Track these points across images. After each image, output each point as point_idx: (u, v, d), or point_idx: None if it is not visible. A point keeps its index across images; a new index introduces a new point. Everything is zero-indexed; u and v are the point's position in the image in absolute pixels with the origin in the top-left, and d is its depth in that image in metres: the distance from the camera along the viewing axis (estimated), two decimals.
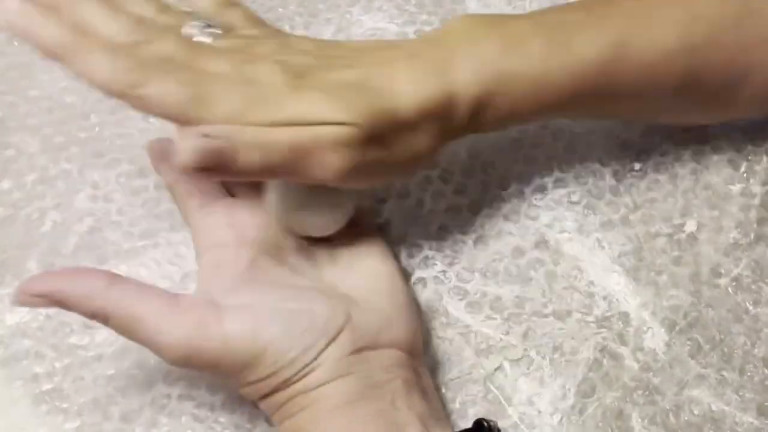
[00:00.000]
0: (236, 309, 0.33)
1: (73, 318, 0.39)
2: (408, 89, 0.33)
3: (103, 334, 0.38)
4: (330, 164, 0.32)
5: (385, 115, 0.33)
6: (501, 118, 0.36)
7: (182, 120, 0.31)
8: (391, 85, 0.33)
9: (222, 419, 0.37)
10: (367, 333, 0.33)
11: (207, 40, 0.34)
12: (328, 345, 0.32)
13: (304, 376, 0.32)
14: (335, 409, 0.32)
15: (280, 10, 0.50)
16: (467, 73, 0.34)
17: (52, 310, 0.39)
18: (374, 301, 0.35)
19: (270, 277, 0.35)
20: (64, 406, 0.37)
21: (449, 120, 0.35)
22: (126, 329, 0.32)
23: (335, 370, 0.32)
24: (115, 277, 0.32)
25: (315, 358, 0.32)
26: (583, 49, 0.36)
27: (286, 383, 0.32)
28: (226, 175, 0.31)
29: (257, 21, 0.38)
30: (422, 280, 0.40)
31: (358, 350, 0.33)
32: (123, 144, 0.45)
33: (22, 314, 0.39)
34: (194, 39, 0.34)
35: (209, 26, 0.35)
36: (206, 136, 0.30)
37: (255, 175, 0.32)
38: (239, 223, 0.36)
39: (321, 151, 0.32)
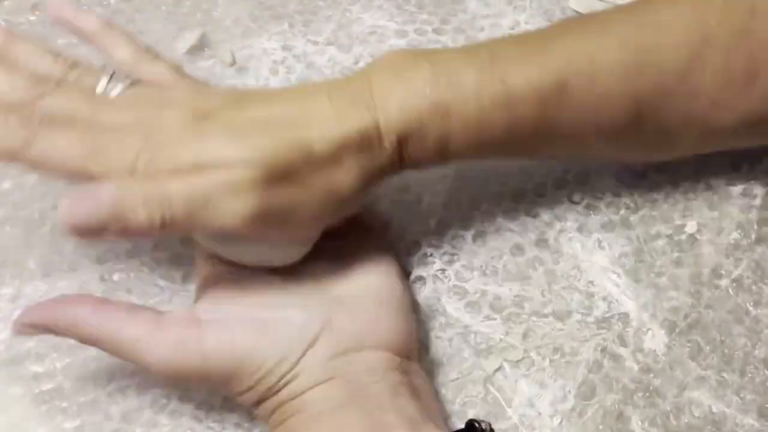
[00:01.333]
0: (214, 323, 0.33)
1: None
2: (325, 123, 0.31)
3: None
4: (232, 211, 0.29)
5: (296, 151, 0.30)
6: (432, 154, 0.34)
7: (84, 177, 0.30)
8: (306, 120, 0.31)
9: (221, 419, 0.37)
10: (350, 335, 0.33)
11: (117, 90, 0.32)
12: (305, 352, 0.32)
13: (288, 383, 0.32)
14: (321, 415, 0.32)
15: (279, 9, 0.49)
16: (392, 106, 0.32)
17: None
18: (362, 301, 0.34)
19: (249, 284, 0.34)
20: (64, 405, 0.37)
21: (372, 156, 0.32)
22: (114, 351, 0.33)
23: (318, 375, 0.32)
24: (100, 303, 0.33)
25: (294, 366, 0.32)
26: (517, 82, 0.33)
27: (272, 391, 0.33)
28: (118, 236, 0.29)
29: (182, 74, 0.36)
30: (421, 278, 0.40)
31: (342, 353, 0.33)
32: None
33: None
34: (101, 91, 0.32)
35: (115, 78, 0.33)
36: (91, 194, 0.28)
37: (152, 233, 0.29)
38: None
39: (220, 199, 0.29)
